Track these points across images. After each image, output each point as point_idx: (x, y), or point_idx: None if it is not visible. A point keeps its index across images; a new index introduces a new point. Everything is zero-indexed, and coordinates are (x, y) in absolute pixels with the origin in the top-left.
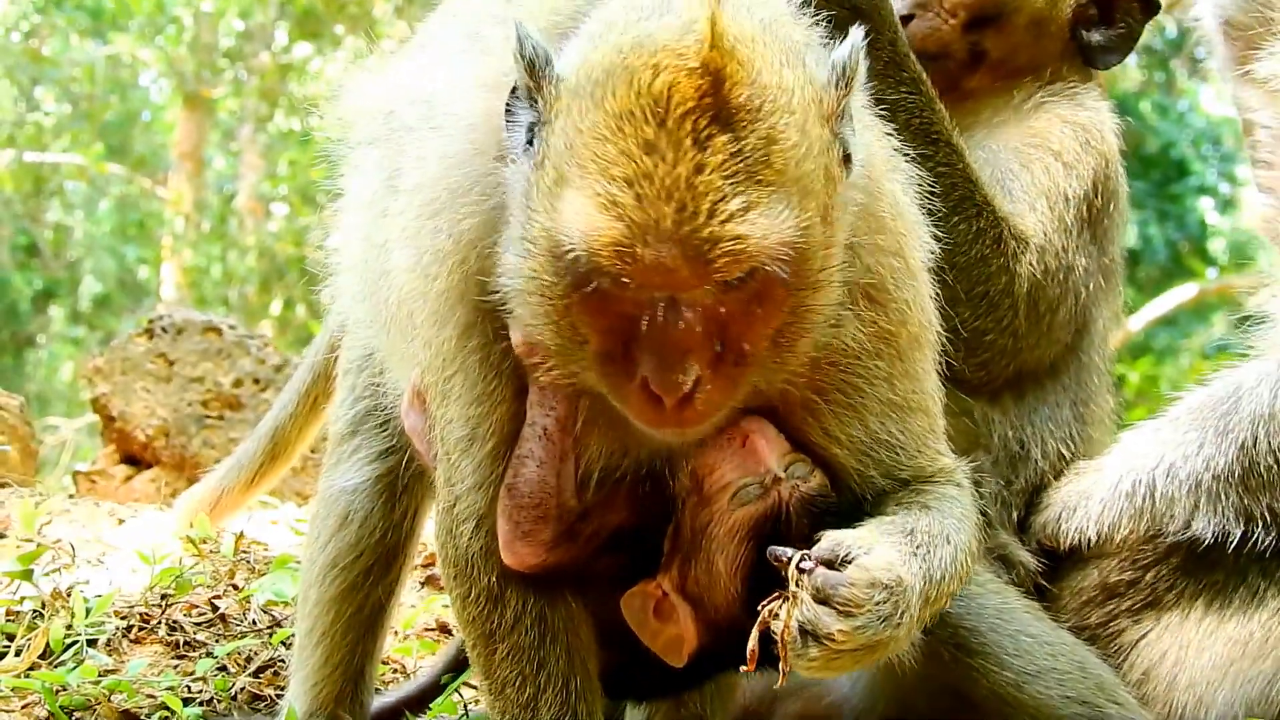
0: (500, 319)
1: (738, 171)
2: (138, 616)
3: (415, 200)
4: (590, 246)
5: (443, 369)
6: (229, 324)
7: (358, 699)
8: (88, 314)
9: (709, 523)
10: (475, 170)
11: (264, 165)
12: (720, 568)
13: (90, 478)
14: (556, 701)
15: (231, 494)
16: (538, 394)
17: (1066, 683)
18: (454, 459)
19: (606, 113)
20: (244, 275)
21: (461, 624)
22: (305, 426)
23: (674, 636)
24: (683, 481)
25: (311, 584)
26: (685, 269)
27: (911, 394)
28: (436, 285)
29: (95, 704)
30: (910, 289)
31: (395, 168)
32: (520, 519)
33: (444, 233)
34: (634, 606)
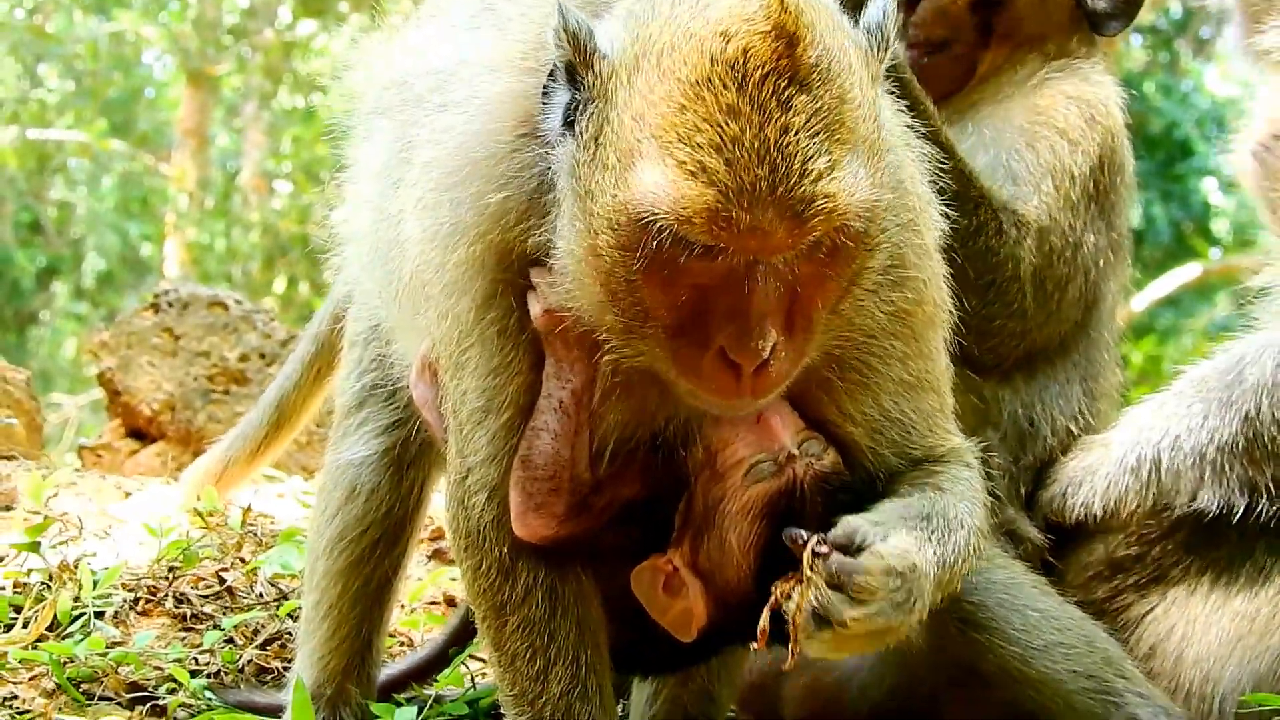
0: (519, 291)
1: (819, 131)
2: (145, 589)
3: (433, 173)
4: (681, 214)
5: (459, 340)
6: (235, 298)
7: (365, 671)
8: (91, 291)
9: (722, 499)
10: (497, 146)
11: (268, 142)
12: (732, 544)
13: (96, 452)
14: (567, 674)
15: (237, 465)
16: (554, 366)
17: (1073, 657)
18: (467, 431)
19: (680, 81)
20: (247, 252)
21: (472, 596)
22: (309, 397)
23: (683, 611)
24: (696, 456)
25: (319, 557)
26: (780, 230)
27: (925, 373)
28: (455, 256)
29: (102, 676)
30: (926, 267)
31: (408, 140)
32: (534, 491)
33: (465, 205)
34: (644, 581)
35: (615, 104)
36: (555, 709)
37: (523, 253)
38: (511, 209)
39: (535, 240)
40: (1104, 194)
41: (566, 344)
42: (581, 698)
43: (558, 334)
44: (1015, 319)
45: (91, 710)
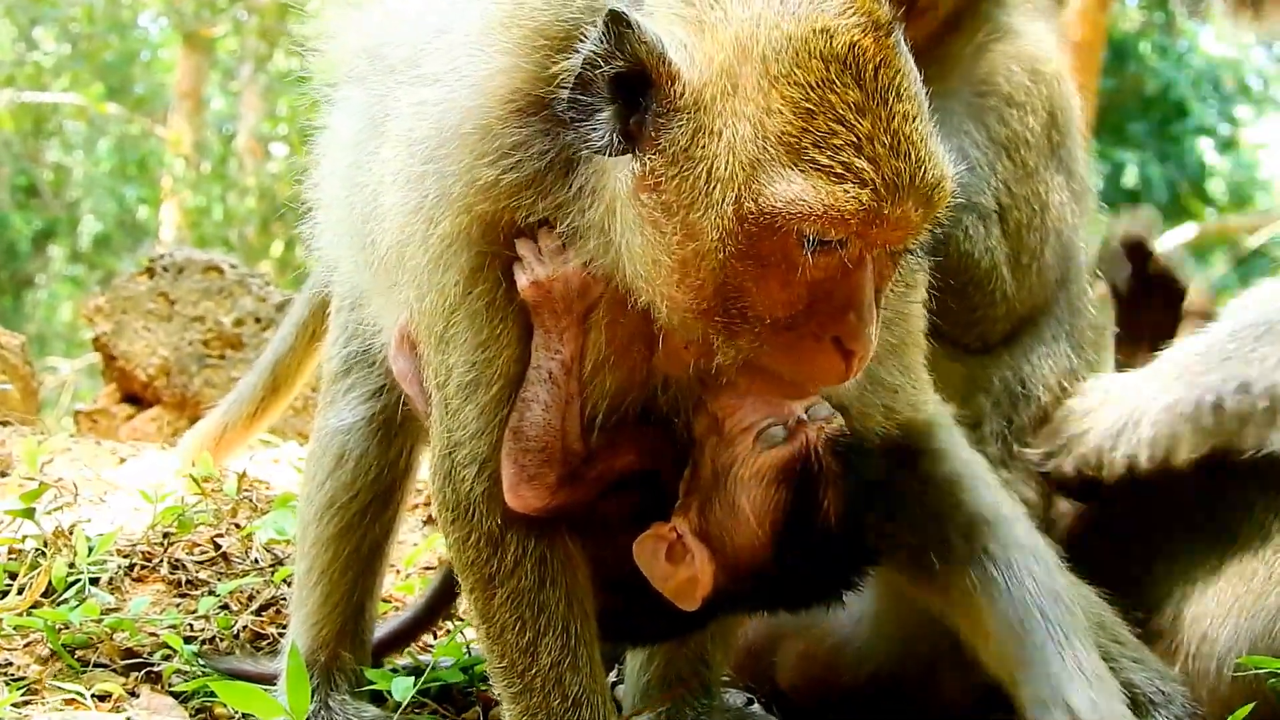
0: (505, 263)
1: (921, 115)
2: (140, 555)
3: (415, 146)
4: (835, 217)
5: (445, 314)
6: (230, 263)
7: (359, 637)
8: (87, 254)
9: (732, 464)
10: (487, 122)
11: (264, 105)
12: (745, 509)
13: (91, 417)
14: (556, 645)
15: (234, 430)
16: (543, 337)
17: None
18: (455, 405)
19: (797, 85)
20: (244, 216)
21: (459, 568)
22: (304, 360)
23: (687, 580)
24: (701, 423)
25: (309, 523)
26: (919, 216)
27: (906, 334)
28: (440, 229)
29: (97, 642)
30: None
31: (382, 110)
32: (526, 462)
33: (451, 178)
34: (646, 550)
35: (717, 114)
36: (545, 680)
37: (510, 224)
38: (504, 185)
39: (524, 214)
40: (1059, 146)
41: (555, 314)
42: (571, 668)
43: (545, 305)
44: (999, 304)
45: (86, 677)
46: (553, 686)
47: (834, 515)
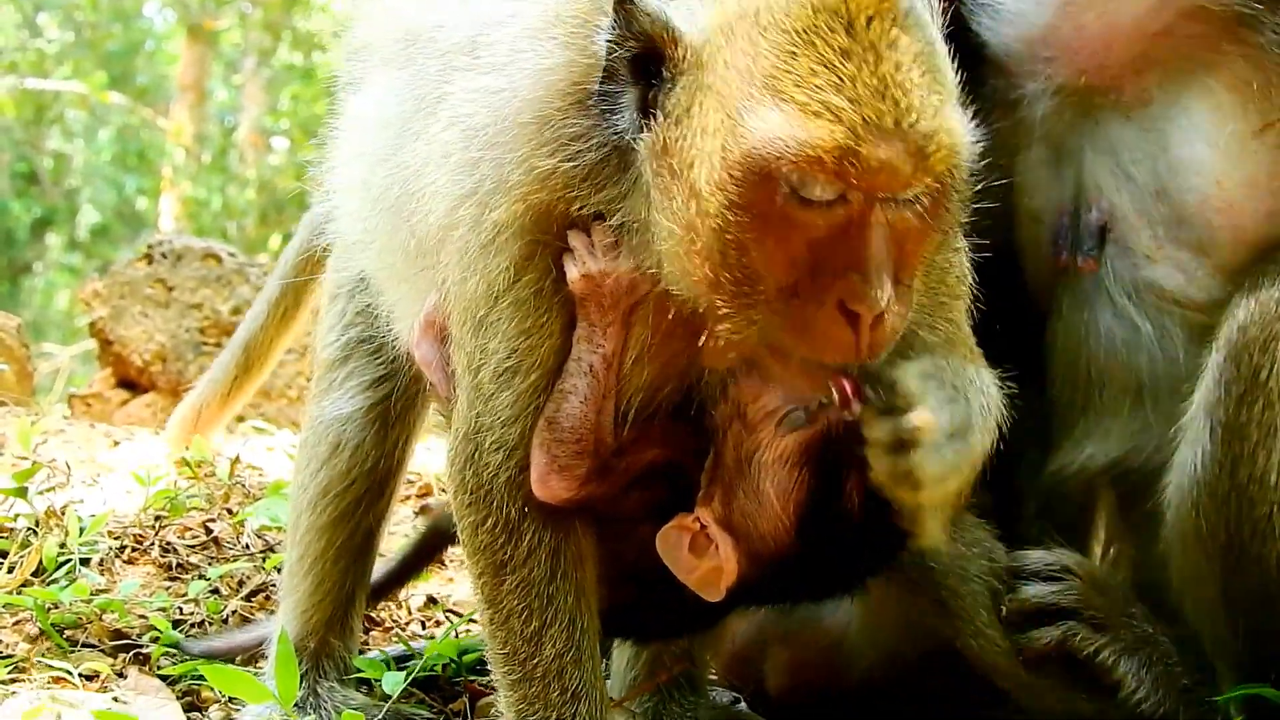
0: (556, 253)
1: (925, 71)
2: (131, 537)
3: (471, 131)
4: (809, 154)
5: (490, 299)
6: (228, 251)
7: (348, 625)
8: (85, 243)
9: (755, 450)
10: (546, 114)
11: (266, 99)
12: (770, 494)
13: (86, 401)
14: (561, 637)
15: (210, 409)
16: (586, 330)
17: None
18: (489, 390)
19: (785, 31)
20: (243, 208)
21: (470, 552)
22: (275, 339)
23: (712, 570)
24: (724, 411)
25: (302, 511)
26: (908, 165)
27: (949, 333)
28: (494, 214)
29: (87, 622)
30: (957, 239)
31: (432, 95)
32: (559, 453)
33: (509, 166)
34: (669, 541)
35: (712, 68)
36: (547, 671)
37: (564, 215)
38: (560, 175)
39: (579, 206)
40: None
41: (601, 309)
42: (574, 661)
43: (593, 298)
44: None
45: (75, 657)
46: (554, 678)
47: (858, 498)
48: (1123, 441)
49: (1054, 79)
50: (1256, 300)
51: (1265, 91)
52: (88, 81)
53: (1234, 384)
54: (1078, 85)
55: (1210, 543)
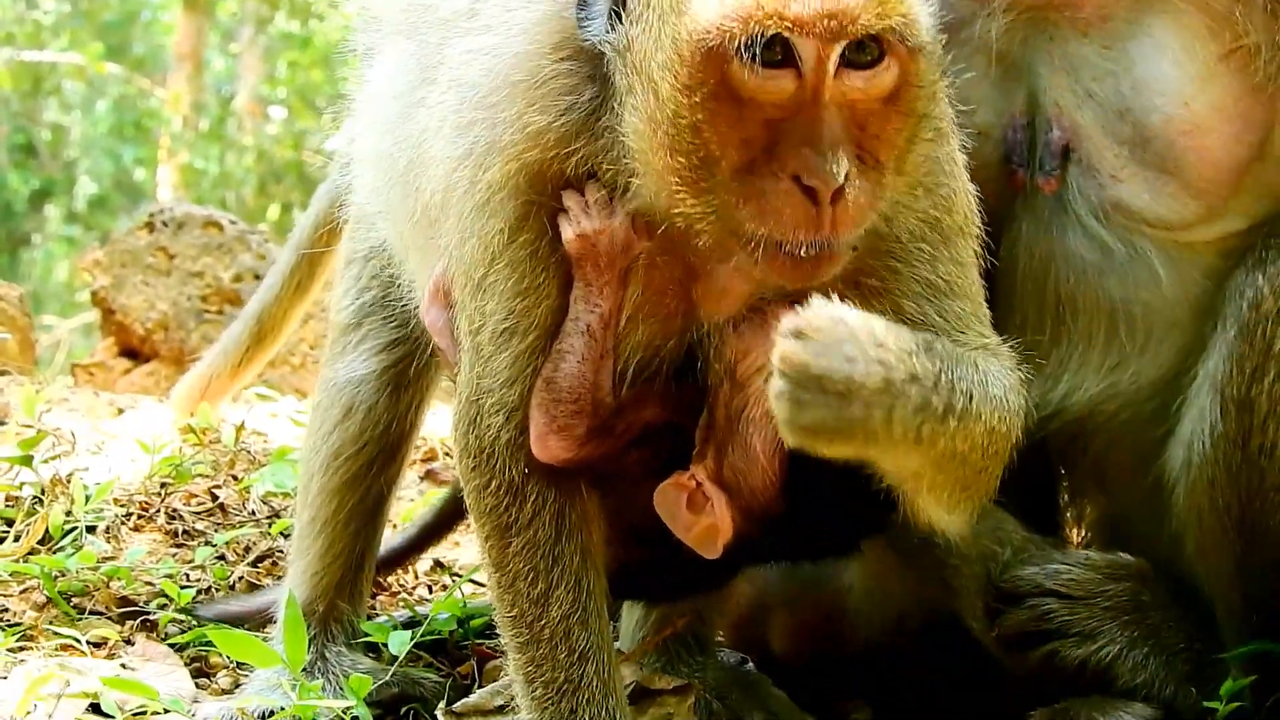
0: (551, 214)
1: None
2: (137, 505)
3: (466, 93)
4: (746, 14)
5: (486, 261)
6: (229, 219)
7: (357, 589)
8: (84, 214)
9: (744, 406)
10: (538, 68)
11: (263, 68)
12: (757, 449)
13: (89, 370)
14: (568, 598)
15: (221, 379)
16: (583, 290)
17: None
18: (488, 352)
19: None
20: (241, 178)
21: (476, 515)
22: (290, 309)
23: (708, 528)
24: (716, 369)
25: (314, 474)
26: (843, 10)
27: (956, 278)
28: (488, 175)
29: (93, 590)
30: (955, 178)
31: (432, 61)
32: (557, 413)
33: (502, 125)
34: (668, 499)
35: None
36: (554, 632)
37: (558, 175)
38: (553, 131)
39: (573, 163)
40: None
41: (597, 268)
42: (581, 622)
43: (589, 258)
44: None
45: (82, 624)
46: (561, 639)
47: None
48: (1100, 376)
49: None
50: (1265, 275)
51: (1231, 14)
52: (84, 52)
53: (1246, 359)
54: (1033, 1)
55: (1225, 516)
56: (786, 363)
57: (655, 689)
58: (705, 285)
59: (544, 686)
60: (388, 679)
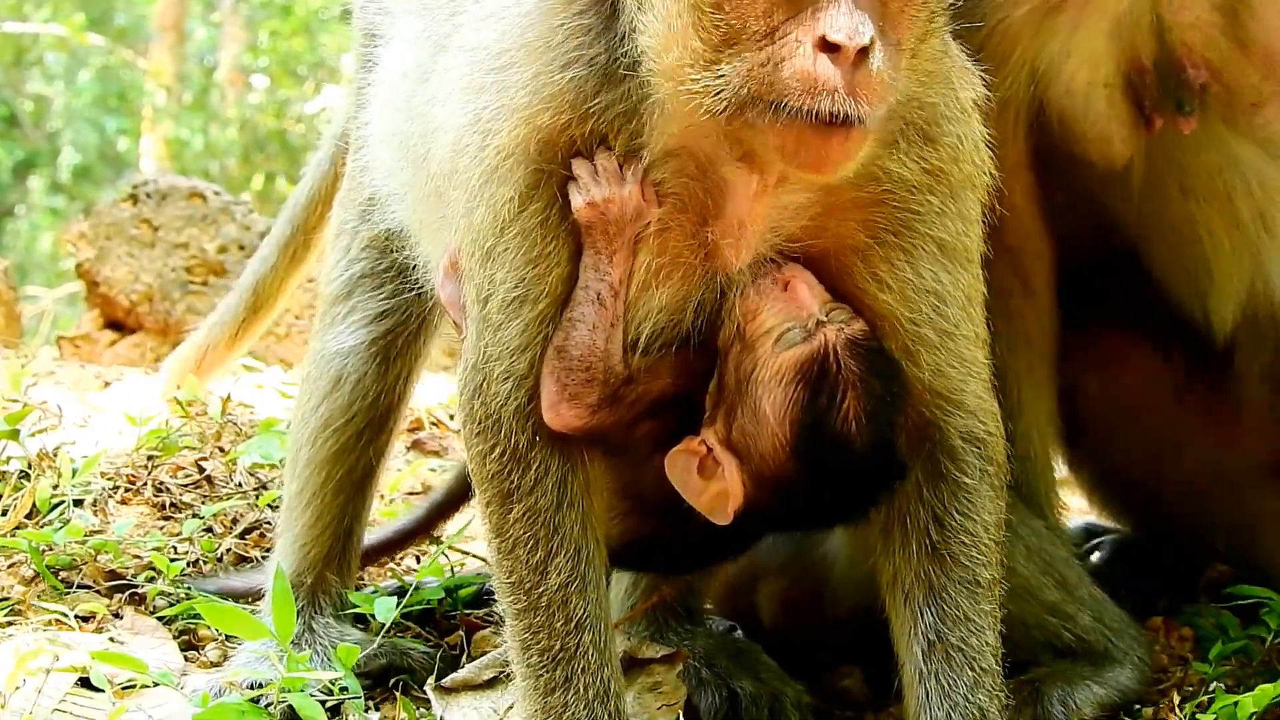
0: (561, 182)
1: None
2: (124, 477)
3: (477, 56)
4: None
5: (497, 229)
6: (214, 190)
7: (345, 560)
8: (68, 185)
9: (753, 369)
10: (552, 25)
11: (245, 36)
12: (767, 412)
13: (74, 342)
14: (567, 567)
15: (216, 350)
16: (593, 258)
17: (1034, 590)
18: (497, 320)
19: None
20: (225, 147)
21: (478, 481)
22: (285, 280)
23: (719, 493)
24: (725, 332)
25: (302, 445)
26: None
27: (963, 236)
28: (498, 140)
29: (81, 563)
30: (962, 124)
31: (445, 31)
32: (568, 381)
33: (514, 88)
34: (678, 465)
35: None
36: (552, 600)
37: (569, 142)
38: (567, 91)
39: (586, 128)
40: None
41: (607, 236)
42: (579, 591)
43: (599, 226)
44: None
45: (70, 598)
46: (558, 607)
47: (854, 417)
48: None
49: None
50: None
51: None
52: (66, 23)
53: None
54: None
55: None
56: None
57: (643, 657)
58: (723, 226)
59: (539, 654)
60: (375, 649)
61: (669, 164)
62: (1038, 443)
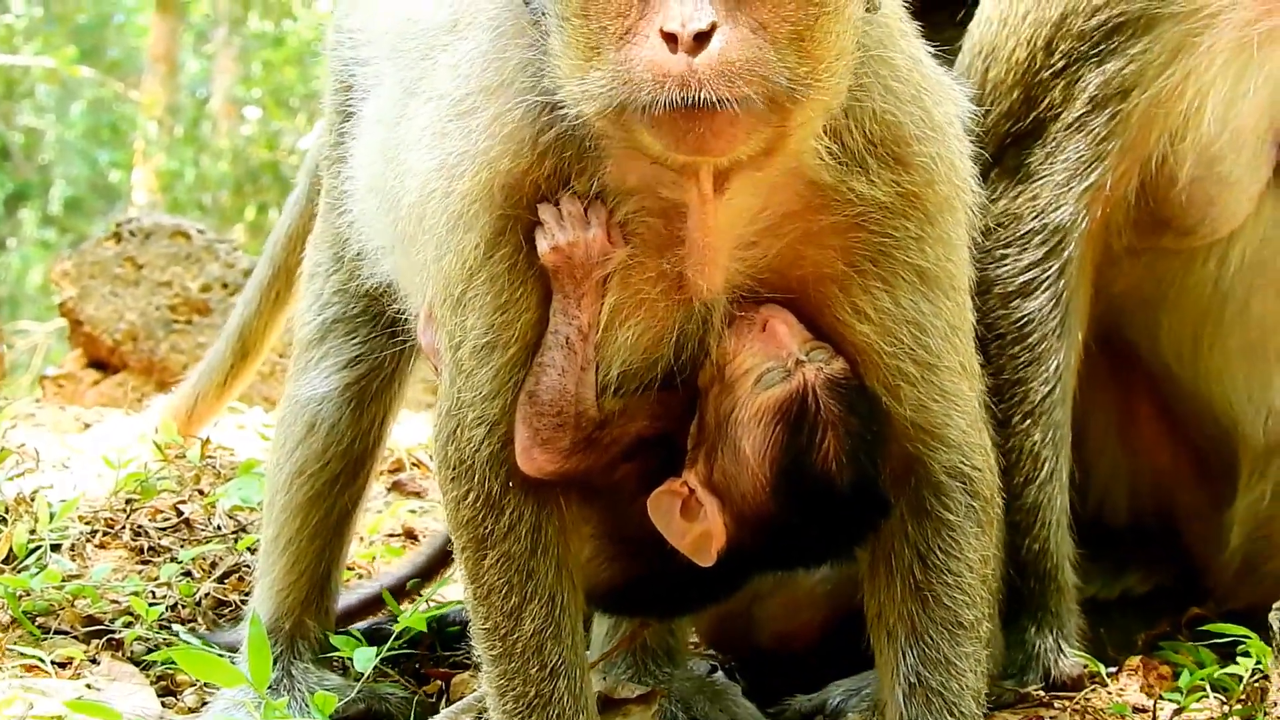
0: (527, 227)
1: None
2: (102, 521)
3: (443, 103)
4: None
5: (465, 276)
6: (198, 228)
7: (323, 605)
8: (59, 218)
9: (733, 409)
10: (508, 65)
11: (237, 68)
12: (747, 453)
13: (57, 382)
14: (541, 613)
15: (207, 400)
16: (561, 302)
17: None
18: (469, 366)
19: None
20: (217, 179)
21: (454, 526)
22: (270, 323)
23: (702, 534)
24: (705, 373)
25: (278, 491)
26: None
27: (944, 262)
28: (462, 185)
29: (59, 609)
30: (935, 144)
31: (416, 76)
32: (540, 426)
33: (475, 132)
34: (660, 507)
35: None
36: (527, 646)
37: (533, 186)
38: (525, 130)
39: (547, 169)
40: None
41: (574, 280)
42: (554, 637)
43: (565, 270)
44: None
45: (48, 643)
46: (533, 654)
47: (834, 457)
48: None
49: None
50: None
51: None
52: (58, 56)
53: None
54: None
55: None
56: None
57: (619, 697)
58: (686, 253)
59: (515, 700)
60: (353, 695)
61: (630, 202)
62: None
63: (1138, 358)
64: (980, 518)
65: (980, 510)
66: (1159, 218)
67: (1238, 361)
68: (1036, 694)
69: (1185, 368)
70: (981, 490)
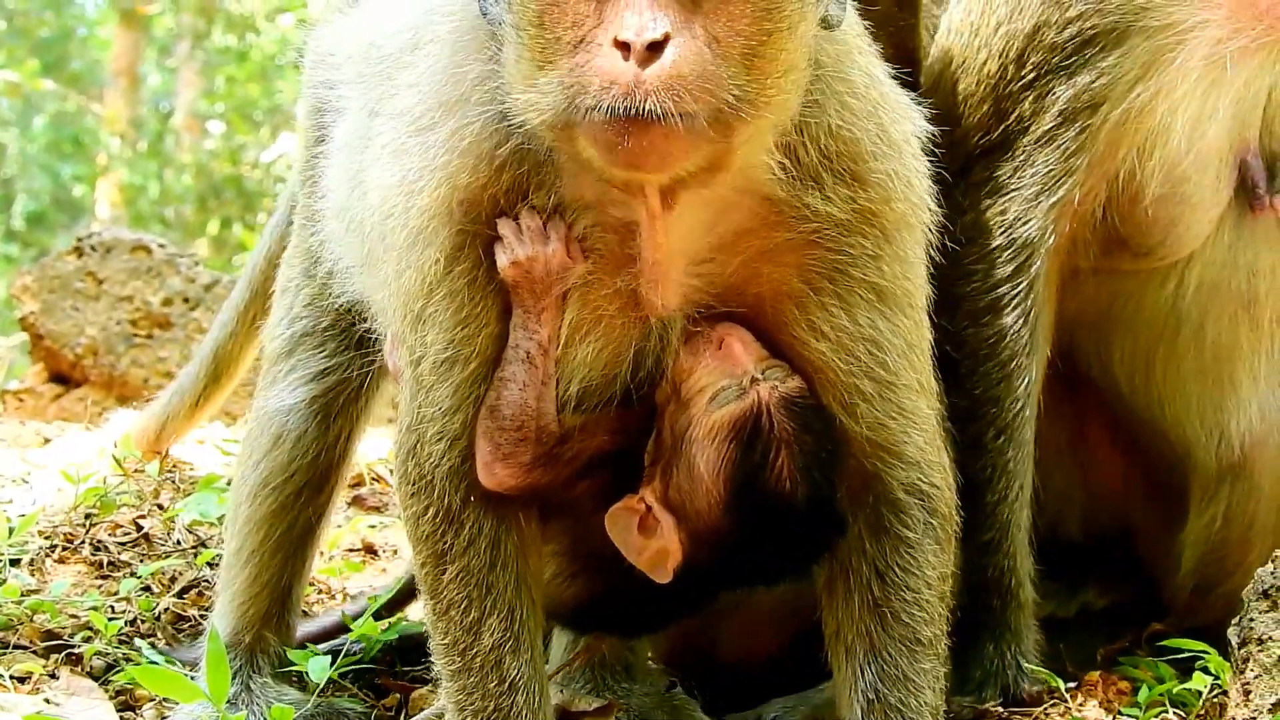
0: (486, 242)
1: None
2: (62, 536)
3: (403, 120)
4: None
5: (425, 291)
6: (158, 242)
7: (284, 619)
8: (22, 232)
9: (688, 427)
10: (466, 80)
11: (201, 82)
12: (701, 471)
13: (18, 396)
14: (500, 627)
15: (177, 421)
16: (521, 317)
17: None
18: (429, 381)
19: None
20: (180, 193)
21: (413, 541)
22: (245, 345)
23: (659, 551)
24: (662, 391)
25: (241, 503)
26: None
27: (902, 280)
28: (421, 200)
29: (18, 624)
30: (892, 161)
31: (379, 96)
32: (501, 441)
33: (434, 147)
34: (618, 523)
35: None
36: (486, 661)
37: (492, 200)
38: (482, 141)
39: (505, 182)
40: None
41: (534, 295)
42: (513, 651)
43: (525, 285)
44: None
45: (6, 658)
46: (491, 668)
47: (788, 475)
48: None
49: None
50: None
51: None
52: (20, 69)
53: None
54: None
55: None
56: None
57: (576, 710)
58: (640, 269)
59: (474, 715)
60: (310, 709)
61: (587, 216)
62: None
63: (1090, 377)
64: (939, 535)
65: (939, 527)
66: (1121, 236)
67: (1191, 384)
68: (995, 710)
69: (1138, 389)
70: (940, 507)
